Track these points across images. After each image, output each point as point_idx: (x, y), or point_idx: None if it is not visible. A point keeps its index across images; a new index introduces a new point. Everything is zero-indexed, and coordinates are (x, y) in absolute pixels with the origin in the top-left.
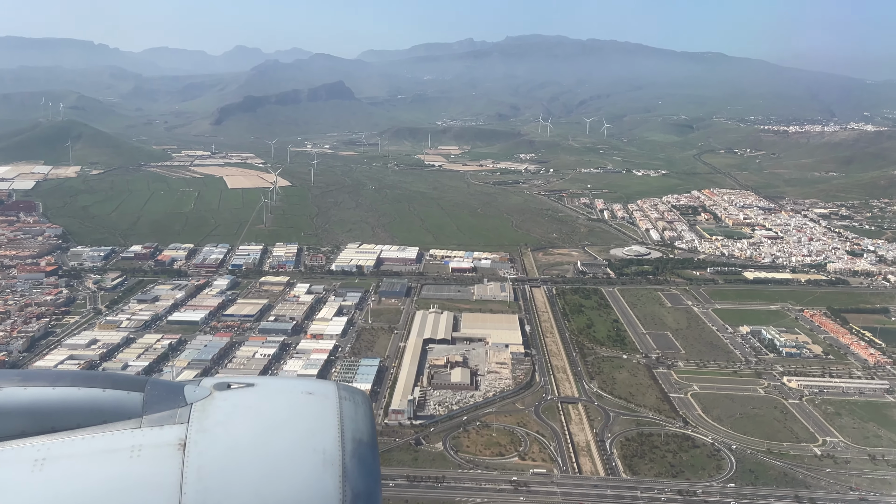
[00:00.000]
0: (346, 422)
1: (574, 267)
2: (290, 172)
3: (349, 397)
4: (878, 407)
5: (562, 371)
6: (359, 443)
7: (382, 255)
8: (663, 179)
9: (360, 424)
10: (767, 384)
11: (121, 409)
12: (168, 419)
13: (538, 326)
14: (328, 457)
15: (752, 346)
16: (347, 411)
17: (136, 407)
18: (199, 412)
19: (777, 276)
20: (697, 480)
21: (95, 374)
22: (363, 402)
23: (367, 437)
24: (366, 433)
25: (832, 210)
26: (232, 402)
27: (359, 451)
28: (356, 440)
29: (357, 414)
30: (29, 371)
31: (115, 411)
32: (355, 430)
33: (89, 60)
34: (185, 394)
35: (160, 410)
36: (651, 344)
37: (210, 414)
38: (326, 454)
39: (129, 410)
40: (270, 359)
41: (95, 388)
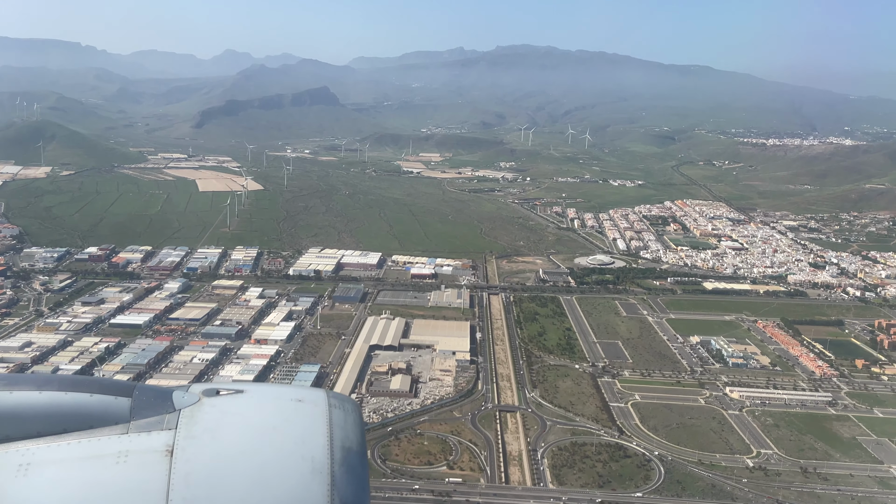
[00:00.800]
0: (335, 430)
1: (536, 275)
2: (265, 176)
3: (339, 405)
4: (819, 419)
5: (506, 379)
6: (348, 451)
7: (343, 260)
8: (639, 190)
9: (350, 433)
10: (709, 394)
11: (108, 414)
12: (156, 425)
13: (490, 334)
14: (317, 465)
15: (700, 356)
16: (337, 419)
17: (123, 412)
18: (187, 418)
19: (736, 286)
20: (623, 491)
21: (83, 379)
22: (353, 410)
23: (356, 446)
24: (355, 441)
25: (801, 222)
26: (220, 409)
27: (347, 459)
28: (345, 448)
29: (346, 422)
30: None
31: (102, 416)
32: (344, 439)
33: (76, 62)
34: (174, 400)
35: (148, 416)
36: (600, 353)
37: (198, 420)
38: (315, 462)
39: (116, 416)
40: (208, 364)
41: (83, 392)
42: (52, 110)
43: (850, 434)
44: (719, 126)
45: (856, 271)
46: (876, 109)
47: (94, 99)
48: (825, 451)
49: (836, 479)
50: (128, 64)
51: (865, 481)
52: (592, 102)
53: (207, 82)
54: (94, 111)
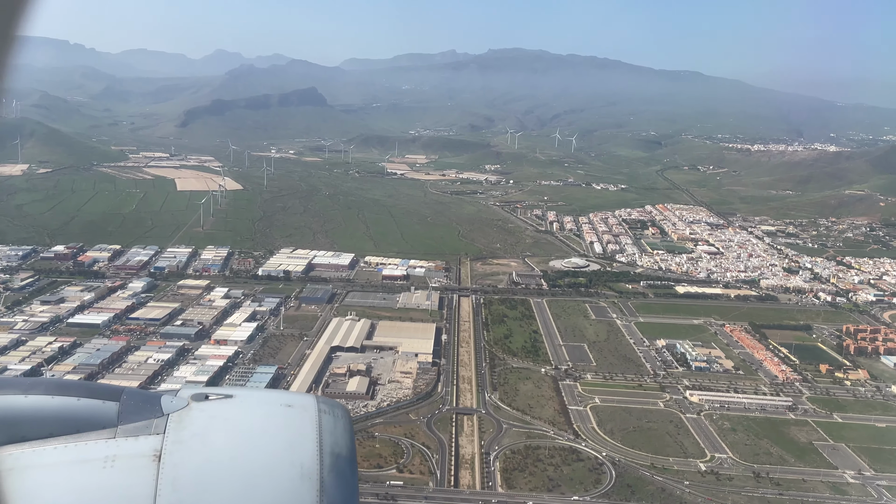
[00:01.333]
0: (324, 435)
1: (509, 277)
2: (246, 176)
3: (329, 410)
4: (776, 424)
5: (467, 381)
6: (337, 457)
7: (315, 260)
8: (621, 193)
9: (339, 438)
10: (669, 398)
11: (95, 418)
12: (143, 430)
13: (456, 336)
14: (306, 470)
15: (664, 359)
16: (326, 425)
17: (110, 417)
18: (175, 423)
19: (708, 290)
20: (572, 494)
21: (70, 383)
22: (343, 415)
23: (346, 452)
24: (345, 447)
25: (779, 227)
26: (209, 414)
27: (337, 465)
28: (335, 454)
29: (336, 427)
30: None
31: (89, 421)
32: (334, 444)
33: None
34: (162, 404)
35: (135, 421)
36: (565, 356)
37: (187, 425)
38: (304, 468)
39: (103, 420)
40: (163, 364)
41: (69, 396)
42: (34, 108)
43: (807, 439)
44: (706, 131)
45: (829, 276)
46: (862, 117)
47: (80, 97)
48: (780, 456)
49: (789, 485)
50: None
51: (818, 487)
52: (581, 106)
53: (196, 82)
54: (78, 109)
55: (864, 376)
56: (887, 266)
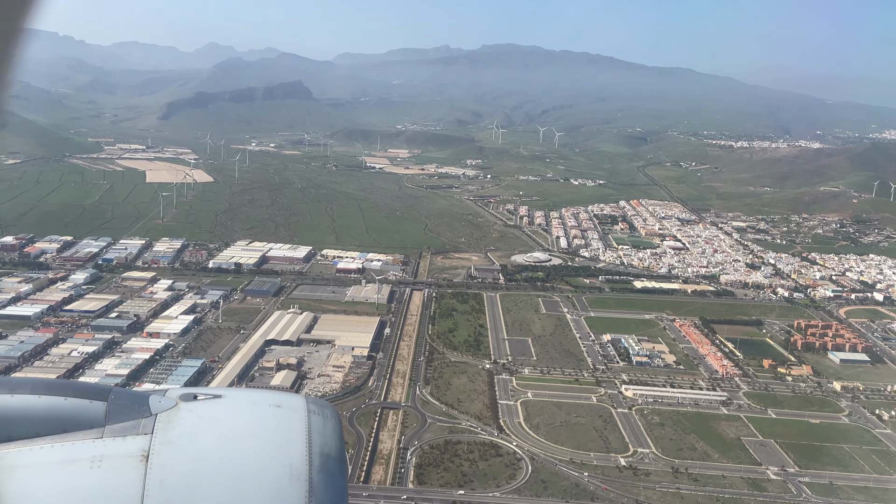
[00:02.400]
0: (314, 436)
1: (467, 271)
2: (220, 169)
3: (318, 411)
4: (707, 419)
5: (401, 375)
6: (326, 457)
7: (270, 253)
8: (598, 189)
9: (329, 439)
10: (604, 392)
11: (82, 418)
12: (131, 429)
13: (400, 329)
14: (295, 471)
15: (607, 354)
16: (316, 425)
17: (98, 416)
18: (163, 423)
19: (665, 286)
20: (483, 491)
21: (57, 382)
22: (332, 416)
23: (335, 452)
24: (334, 448)
25: (751, 223)
26: (198, 414)
27: (326, 465)
28: (324, 455)
29: (325, 428)
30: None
31: (76, 420)
32: (323, 445)
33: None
34: (150, 404)
35: (123, 420)
36: (507, 350)
37: (175, 425)
38: (293, 468)
39: (90, 420)
40: (87, 358)
41: (56, 396)
42: (14, 99)
43: (735, 434)
44: (693, 128)
45: (790, 272)
46: (851, 115)
47: (65, 89)
48: (704, 452)
49: (706, 480)
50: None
51: (736, 482)
52: (570, 102)
53: (183, 74)
54: (60, 101)
55: (807, 372)
56: (851, 262)
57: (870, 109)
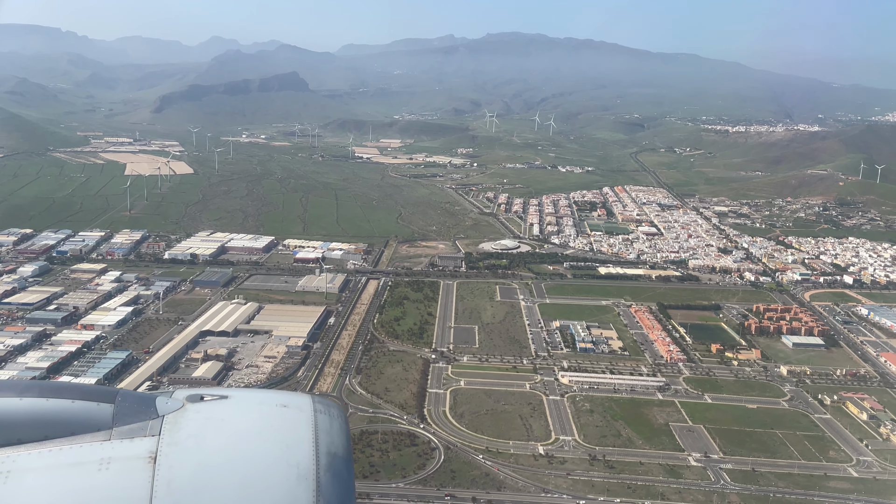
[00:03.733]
0: (320, 435)
1: (431, 259)
2: (203, 161)
3: (324, 410)
4: (640, 405)
5: (334, 365)
6: (333, 457)
7: (231, 243)
8: (585, 176)
9: (335, 438)
10: (540, 380)
11: (90, 421)
12: (139, 431)
13: (345, 319)
14: (302, 471)
15: (553, 341)
16: (322, 424)
17: (105, 419)
18: (170, 424)
19: (630, 271)
20: (388, 481)
21: (64, 386)
22: (338, 415)
23: (342, 451)
24: (341, 447)
25: (734, 208)
26: (204, 415)
27: (333, 465)
28: (331, 454)
29: (332, 427)
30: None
31: (84, 423)
32: (330, 444)
33: (53, 47)
34: (157, 406)
35: (131, 423)
36: (450, 338)
37: (182, 426)
38: (300, 468)
39: (98, 422)
40: (11, 350)
41: (64, 399)
42: (8, 94)
43: (664, 420)
44: (692, 113)
45: (761, 256)
46: (855, 97)
47: (63, 84)
48: (628, 438)
49: (622, 467)
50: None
51: (653, 469)
52: (571, 90)
53: (182, 68)
54: (56, 96)
55: (756, 356)
56: (828, 245)
57: (876, 92)
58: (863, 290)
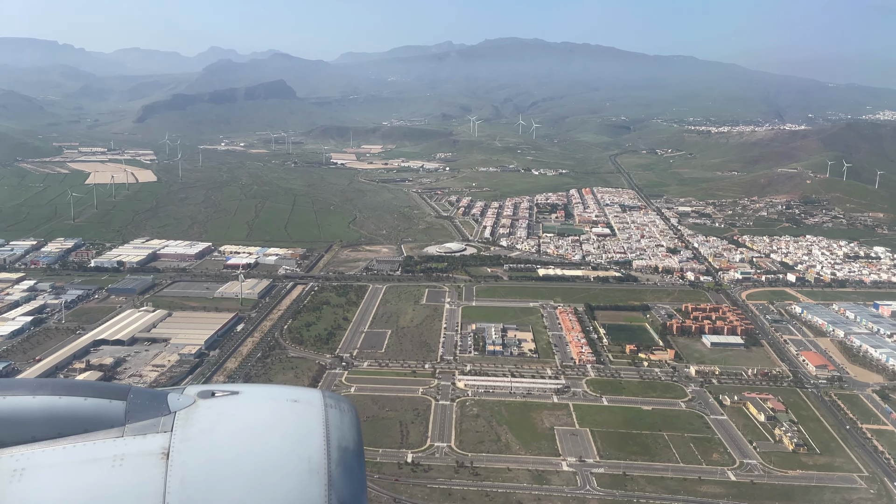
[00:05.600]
0: (331, 430)
1: (368, 263)
2: (170, 169)
3: (335, 405)
4: (531, 408)
5: (224, 374)
6: (345, 451)
7: (164, 250)
8: (557, 178)
9: (346, 432)
10: (436, 384)
11: (103, 417)
12: (151, 428)
13: (255, 325)
14: (314, 465)
15: (464, 344)
16: (333, 419)
17: (118, 416)
18: (182, 420)
19: (569, 272)
20: None
21: (77, 383)
22: (349, 409)
23: (353, 445)
24: (352, 441)
25: (697, 208)
26: (216, 411)
27: (345, 459)
28: (342, 448)
29: (343, 422)
30: (8, 380)
31: (96, 420)
32: (341, 438)
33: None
34: (169, 402)
35: (143, 419)
36: (358, 343)
37: (194, 422)
38: (312, 462)
39: (111, 419)
40: None
41: (77, 396)
42: None
43: (550, 424)
44: (680, 115)
45: (709, 255)
46: (849, 97)
47: (53, 96)
48: (506, 444)
49: (488, 474)
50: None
51: (520, 476)
52: (562, 93)
53: (175, 78)
54: (42, 108)
55: (669, 357)
56: (782, 244)
57: (870, 91)
58: (804, 289)
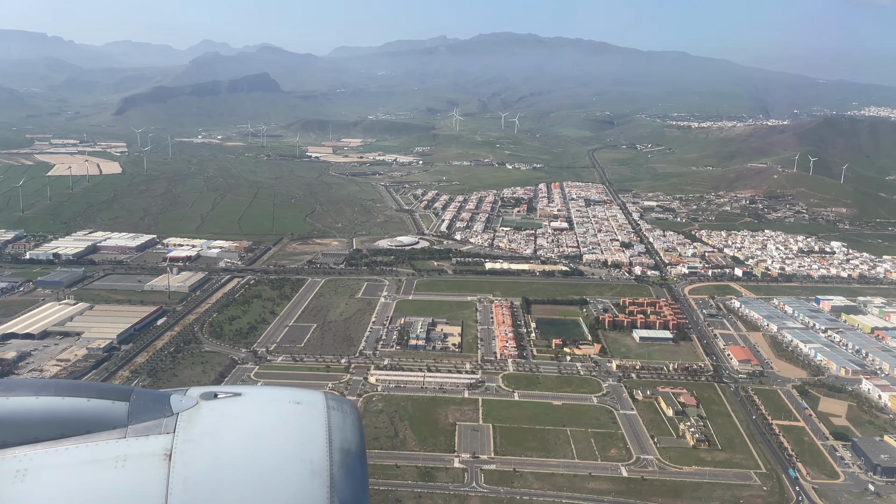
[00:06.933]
0: (334, 432)
1: (313, 257)
2: (139, 161)
3: (337, 407)
4: (438, 404)
5: (131, 368)
6: (347, 453)
7: (106, 242)
8: (529, 173)
9: (349, 434)
10: (348, 379)
11: (105, 418)
12: (154, 429)
13: (178, 319)
14: (316, 467)
15: (388, 339)
16: (335, 421)
17: (121, 417)
18: (185, 422)
19: (515, 266)
20: None
21: (80, 384)
22: (351, 411)
23: (355, 448)
24: (354, 443)
25: (663, 203)
26: (219, 412)
27: (347, 461)
28: (344, 450)
29: (345, 424)
30: (11, 380)
31: (99, 421)
32: (343, 440)
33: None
34: (171, 403)
35: (146, 420)
36: (279, 337)
37: (196, 424)
38: (314, 464)
39: (113, 420)
40: None
41: (79, 397)
42: None
43: (454, 420)
44: (665, 110)
45: (661, 250)
46: (837, 93)
47: (37, 88)
48: (402, 440)
49: (374, 471)
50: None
51: (406, 472)
52: (550, 88)
53: (162, 71)
54: (24, 100)
55: (595, 351)
56: (738, 239)
57: (859, 87)
58: (749, 283)
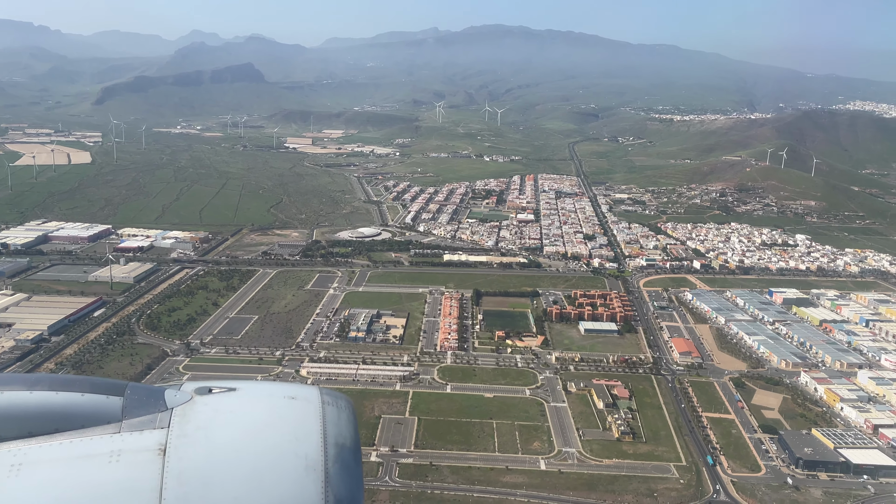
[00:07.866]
0: (328, 427)
1: (269, 248)
2: (111, 151)
3: (332, 402)
4: (366, 396)
5: (58, 360)
6: (342, 448)
7: (59, 232)
8: (506, 165)
9: (343, 429)
10: (279, 371)
11: (100, 413)
12: (148, 424)
13: (117, 310)
14: (310, 462)
15: (329, 331)
16: (330, 416)
17: (115, 412)
18: (179, 417)
19: (473, 258)
20: None
21: (74, 379)
22: (346, 406)
23: (350, 443)
24: (349, 438)
25: (634, 195)
26: (213, 407)
27: (341, 456)
28: (339, 445)
29: (340, 419)
30: (6, 375)
31: (94, 416)
32: (338, 435)
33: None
34: (166, 398)
35: (140, 415)
36: (217, 329)
37: (191, 419)
38: (309, 459)
39: (108, 415)
40: None
41: (74, 392)
42: None
43: (379, 413)
44: (651, 104)
45: (622, 243)
46: (824, 87)
47: (19, 77)
48: None
49: None
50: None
51: None
52: (538, 81)
53: (146, 61)
54: (4, 89)
55: (537, 343)
56: (703, 231)
57: (848, 81)
58: (706, 276)
